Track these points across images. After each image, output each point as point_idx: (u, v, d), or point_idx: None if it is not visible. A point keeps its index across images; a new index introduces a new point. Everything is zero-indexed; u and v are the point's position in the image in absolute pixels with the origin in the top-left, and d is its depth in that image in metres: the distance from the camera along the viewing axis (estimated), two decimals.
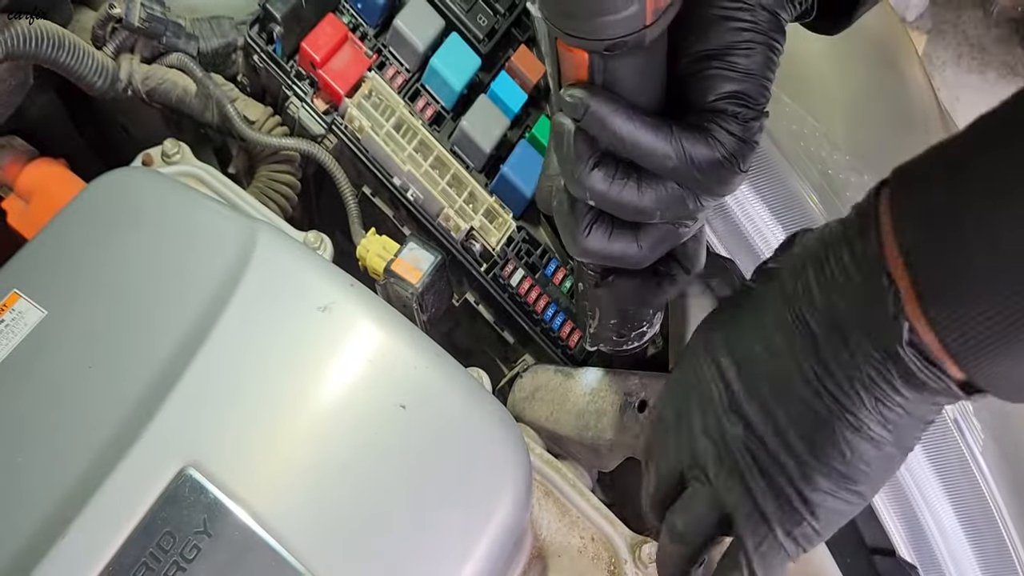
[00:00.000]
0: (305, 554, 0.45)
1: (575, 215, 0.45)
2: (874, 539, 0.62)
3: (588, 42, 0.38)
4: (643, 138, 0.41)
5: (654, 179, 0.43)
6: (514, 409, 0.63)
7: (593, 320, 0.57)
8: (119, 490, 0.44)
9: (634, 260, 0.47)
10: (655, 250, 0.47)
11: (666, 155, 0.41)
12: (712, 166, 0.41)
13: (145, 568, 0.43)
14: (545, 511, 0.60)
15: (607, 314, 0.56)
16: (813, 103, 0.72)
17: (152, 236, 0.53)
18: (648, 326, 0.57)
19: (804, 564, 0.62)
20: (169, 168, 0.66)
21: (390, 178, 0.69)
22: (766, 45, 0.42)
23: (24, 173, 0.69)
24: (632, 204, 0.43)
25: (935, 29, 2.43)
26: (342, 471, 0.47)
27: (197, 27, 0.72)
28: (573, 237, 0.46)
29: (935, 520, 0.62)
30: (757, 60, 0.41)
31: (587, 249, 0.46)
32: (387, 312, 0.53)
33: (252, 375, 0.49)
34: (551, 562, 0.58)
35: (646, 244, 0.46)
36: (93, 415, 0.47)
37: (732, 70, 0.41)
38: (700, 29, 0.42)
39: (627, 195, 0.43)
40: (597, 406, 0.61)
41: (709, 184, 0.42)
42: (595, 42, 0.38)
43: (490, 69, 0.73)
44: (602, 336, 0.58)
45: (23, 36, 0.60)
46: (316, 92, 0.70)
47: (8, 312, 0.49)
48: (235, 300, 0.50)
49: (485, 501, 0.49)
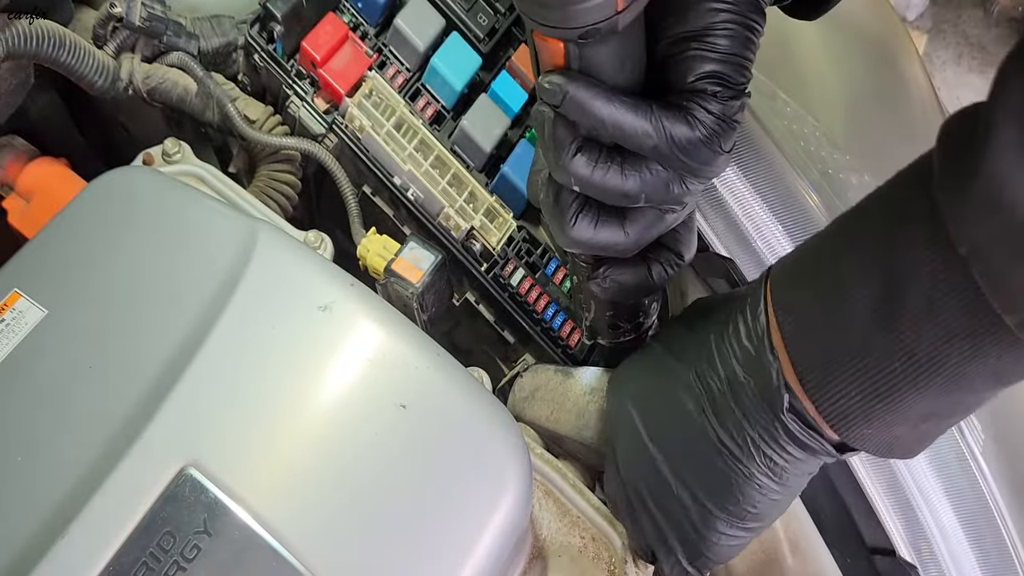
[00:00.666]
0: (305, 554, 0.45)
1: (560, 206, 0.46)
2: (874, 539, 0.62)
3: (561, 31, 0.38)
4: (623, 118, 0.41)
5: (638, 162, 0.43)
6: (514, 409, 0.64)
7: (589, 312, 0.57)
8: (119, 489, 0.44)
9: (622, 248, 0.47)
10: (643, 237, 0.47)
11: (647, 134, 0.41)
12: (693, 145, 0.42)
13: (145, 568, 0.43)
14: (545, 511, 0.60)
15: (602, 306, 0.56)
16: (813, 103, 0.72)
17: (153, 235, 0.53)
18: (644, 316, 0.57)
19: (804, 564, 0.62)
20: (170, 167, 0.66)
21: (390, 177, 0.69)
22: (745, 26, 0.42)
23: (25, 172, 0.69)
24: (617, 188, 0.43)
25: (935, 29, 2.43)
26: (342, 471, 0.47)
27: (198, 26, 0.72)
28: (560, 228, 0.46)
29: (935, 520, 0.62)
30: (736, 41, 0.42)
31: (574, 239, 0.46)
32: (387, 312, 0.53)
33: (252, 374, 0.49)
34: (551, 562, 0.58)
35: (633, 231, 0.46)
36: (93, 414, 0.47)
37: (711, 51, 0.42)
38: (679, 11, 0.42)
39: (611, 179, 0.43)
40: (597, 405, 0.61)
41: (692, 165, 0.43)
42: (568, 31, 0.38)
43: (491, 68, 0.73)
44: (599, 328, 0.58)
45: (24, 35, 0.60)
46: (316, 91, 0.70)
47: (8, 311, 0.50)
48: (235, 299, 0.50)
49: (485, 501, 0.49)
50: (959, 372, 0.37)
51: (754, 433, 0.44)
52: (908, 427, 0.41)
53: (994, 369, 0.37)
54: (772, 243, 0.65)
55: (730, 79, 0.42)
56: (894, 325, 0.38)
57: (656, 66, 0.43)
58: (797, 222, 0.66)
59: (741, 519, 0.47)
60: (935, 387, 0.38)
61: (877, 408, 0.40)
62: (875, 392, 0.40)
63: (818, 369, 0.41)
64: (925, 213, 0.37)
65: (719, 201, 0.65)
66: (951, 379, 0.38)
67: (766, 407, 0.44)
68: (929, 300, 0.37)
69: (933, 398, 0.39)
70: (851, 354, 0.40)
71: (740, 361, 0.45)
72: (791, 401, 0.43)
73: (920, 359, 0.38)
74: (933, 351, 0.37)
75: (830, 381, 0.41)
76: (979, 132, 0.33)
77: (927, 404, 0.39)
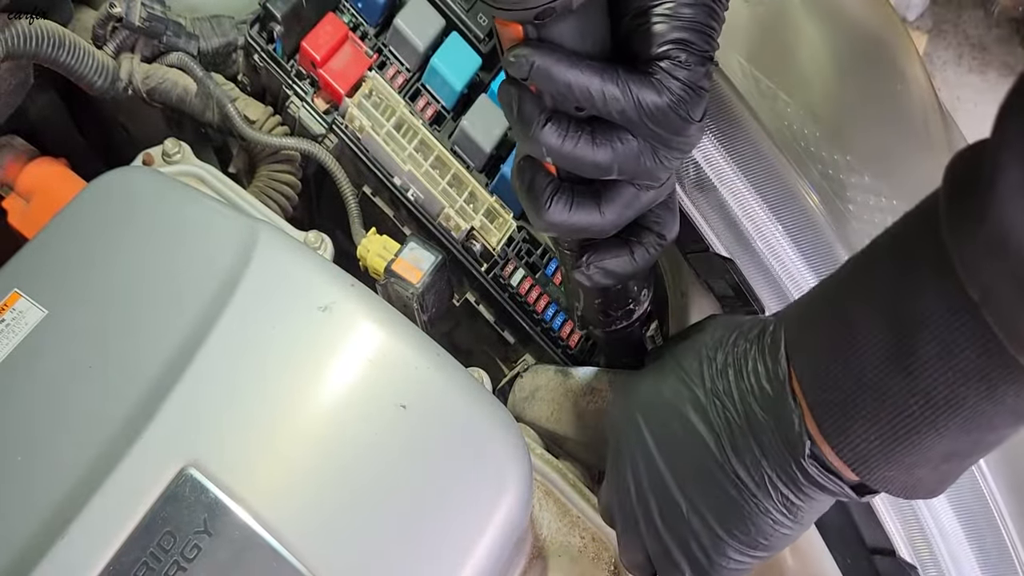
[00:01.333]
0: (305, 554, 0.45)
1: (535, 190, 0.46)
2: (874, 539, 0.62)
3: (517, 13, 0.39)
4: (590, 81, 0.41)
5: (608, 132, 0.43)
6: (514, 409, 0.63)
7: (579, 303, 0.57)
8: (120, 489, 0.44)
9: (598, 228, 0.47)
10: (620, 217, 0.47)
11: (614, 97, 0.41)
12: (662, 112, 0.42)
13: (146, 567, 0.43)
14: (546, 511, 0.60)
15: (590, 294, 0.56)
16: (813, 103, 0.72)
17: (153, 236, 0.53)
18: (635, 303, 0.57)
19: (804, 564, 0.62)
20: (170, 168, 0.66)
21: (390, 178, 0.69)
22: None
23: (25, 172, 0.69)
24: (588, 158, 0.43)
25: (935, 29, 2.43)
26: (343, 471, 0.47)
27: (197, 26, 0.72)
28: (536, 212, 0.46)
29: (935, 520, 0.62)
30: (700, 10, 0.42)
31: (550, 222, 0.46)
32: (388, 312, 0.53)
33: (252, 375, 0.49)
34: (551, 562, 0.58)
35: (609, 212, 0.46)
36: (93, 415, 0.47)
37: (675, 18, 0.42)
38: None
39: (581, 149, 0.42)
40: (597, 405, 0.61)
41: (662, 134, 0.42)
42: (524, 12, 0.39)
43: (491, 68, 0.73)
44: (590, 318, 0.58)
45: (23, 35, 0.60)
46: (316, 91, 0.70)
47: (9, 311, 0.49)
48: (236, 299, 0.50)
49: (486, 501, 0.49)
50: (977, 411, 0.37)
51: (772, 473, 0.44)
52: (930, 468, 0.41)
53: (1012, 407, 0.37)
54: (772, 243, 0.65)
55: (695, 46, 0.42)
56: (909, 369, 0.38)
57: (621, 41, 0.43)
58: (797, 222, 0.65)
59: (752, 548, 0.47)
60: (955, 427, 0.38)
61: (897, 451, 0.40)
62: (894, 435, 0.40)
63: (836, 414, 0.41)
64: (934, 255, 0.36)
65: (719, 201, 0.65)
66: (970, 419, 0.38)
67: (786, 451, 0.44)
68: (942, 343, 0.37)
69: (953, 438, 0.39)
70: (868, 398, 0.40)
71: (759, 401, 0.45)
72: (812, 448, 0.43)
73: (937, 401, 0.38)
74: (950, 393, 0.37)
75: (849, 426, 0.41)
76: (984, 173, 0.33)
77: (948, 444, 0.39)
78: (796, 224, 0.65)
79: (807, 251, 0.64)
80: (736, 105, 0.65)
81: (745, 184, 0.65)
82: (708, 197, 0.65)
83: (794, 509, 0.45)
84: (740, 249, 0.65)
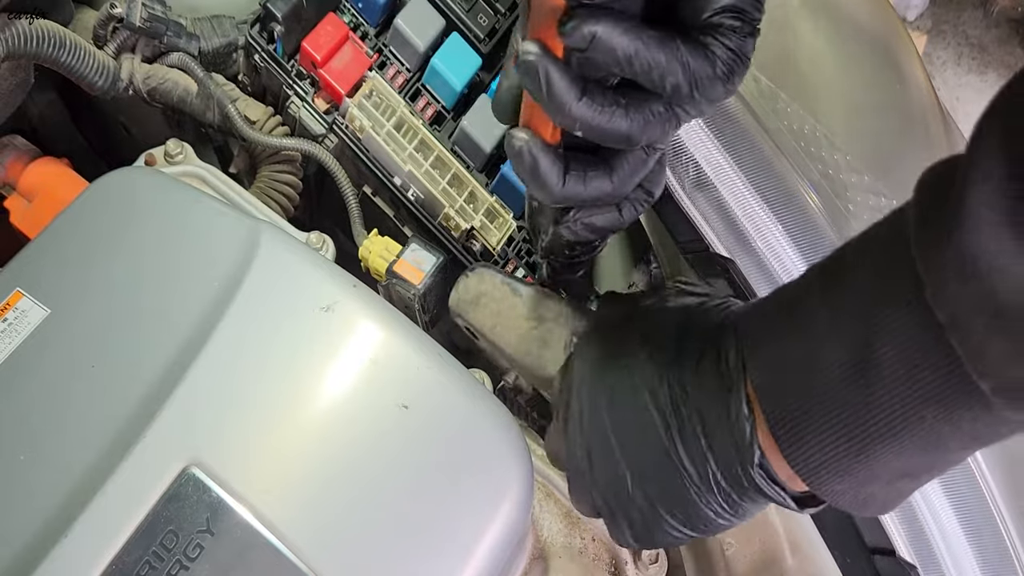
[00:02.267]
0: (307, 553, 0.45)
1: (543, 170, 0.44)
2: (874, 539, 0.62)
3: None
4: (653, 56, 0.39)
5: (642, 102, 0.41)
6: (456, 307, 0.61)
7: (546, 236, 0.56)
8: (122, 489, 0.44)
9: (609, 197, 0.47)
10: (630, 183, 0.46)
11: (672, 71, 0.39)
12: (711, 82, 0.40)
13: (148, 567, 0.43)
14: (547, 512, 0.60)
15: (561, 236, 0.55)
16: (813, 104, 0.72)
17: (155, 236, 0.53)
18: (600, 241, 0.56)
19: (804, 564, 0.62)
20: (172, 168, 0.66)
21: (391, 178, 0.69)
22: None
23: (27, 172, 0.70)
24: (622, 131, 0.41)
25: (935, 29, 2.43)
26: (344, 471, 0.47)
27: (198, 26, 0.72)
28: (550, 191, 0.45)
29: (935, 520, 0.62)
30: None
31: (567, 196, 0.46)
32: (389, 312, 0.53)
33: (255, 375, 0.49)
34: (552, 563, 0.58)
35: (618, 179, 0.46)
36: (96, 414, 0.47)
37: None
38: None
39: (616, 122, 0.41)
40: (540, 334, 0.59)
41: (699, 102, 0.41)
42: None
43: (491, 69, 0.73)
44: (555, 250, 0.57)
45: (24, 36, 0.60)
46: (317, 92, 0.70)
47: (11, 311, 0.50)
48: (238, 300, 0.50)
49: (487, 501, 0.49)
50: (934, 432, 0.37)
51: (717, 471, 0.43)
52: (881, 484, 0.40)
53: (970, 430, 0.36)
54: (772, 243, 0.65)
55: (747, 13, 0.40)
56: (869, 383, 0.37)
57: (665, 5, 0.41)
58: (797, 222, 0.66)
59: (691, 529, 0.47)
60: (911, 446, 0.38)
61: (851, 465, 0.39)
62: (848, 449, 0.39)
63: (791, 423, 0.40)
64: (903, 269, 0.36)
65: (719, 201, 0.65)
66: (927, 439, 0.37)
67: (734, 454, 0.43)
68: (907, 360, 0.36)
69: (909, 456, 0.38)
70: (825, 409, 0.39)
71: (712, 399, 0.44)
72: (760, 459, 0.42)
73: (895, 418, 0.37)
74: (909, 411, 0.37)
75: (803, 436, 0.40)
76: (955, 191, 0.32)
77: (903, 463, 0.39)
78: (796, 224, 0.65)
79: (807, 251, 0.64)
80: (736, 105, 0.65)
81: (745, 184, 0.66)
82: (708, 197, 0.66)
83: (735, 506, 0.44)
84: (740, 249, 0.65)
